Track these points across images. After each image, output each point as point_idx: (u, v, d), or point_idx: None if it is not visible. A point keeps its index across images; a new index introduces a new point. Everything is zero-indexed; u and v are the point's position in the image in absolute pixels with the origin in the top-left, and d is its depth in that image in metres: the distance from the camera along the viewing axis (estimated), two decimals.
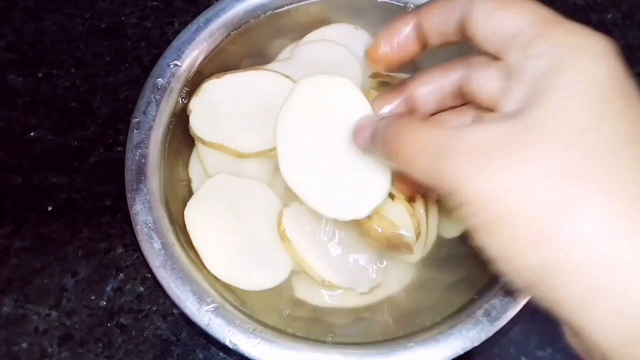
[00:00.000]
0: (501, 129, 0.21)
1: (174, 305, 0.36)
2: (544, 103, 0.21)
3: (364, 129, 0.28)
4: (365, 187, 0.31)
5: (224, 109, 0.39)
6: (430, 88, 0.28)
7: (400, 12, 0.43)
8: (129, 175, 0.36)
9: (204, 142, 0.39)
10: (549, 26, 0.22)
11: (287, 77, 0.40)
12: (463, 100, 0.28)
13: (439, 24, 0.26)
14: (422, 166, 0.23)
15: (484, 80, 0.25)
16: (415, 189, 0.33)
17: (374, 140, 0.27)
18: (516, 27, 0.22)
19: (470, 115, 0.28)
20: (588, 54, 0.21)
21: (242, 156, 0.39)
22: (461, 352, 0.33)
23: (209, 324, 0.33)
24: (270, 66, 0.41)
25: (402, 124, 0.25)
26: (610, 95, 0.21)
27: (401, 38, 0.28)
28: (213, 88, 0.39)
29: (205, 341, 0.41)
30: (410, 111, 0.29)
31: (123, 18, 0.51)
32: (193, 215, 0.37)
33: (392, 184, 0.31)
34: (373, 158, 0.30)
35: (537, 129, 0.20)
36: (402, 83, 0.29)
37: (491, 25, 0.23)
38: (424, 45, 0.28)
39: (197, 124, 0.39)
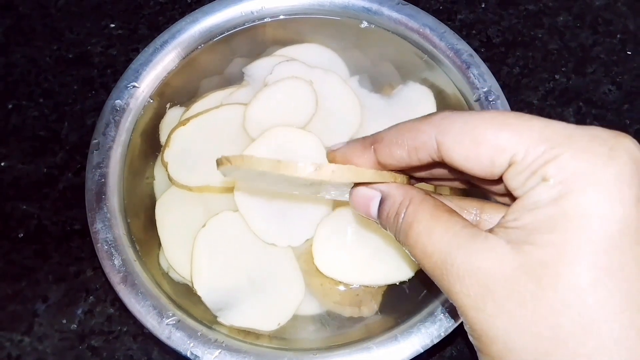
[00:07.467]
0: (508, 262, 0.20)
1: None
2: (555, 241, 0.20)
3: (370, 200, 0.26)
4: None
5: (197, 152, 0.39)
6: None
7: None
8: (89, 195, 0.37)
9: (190, 189, 0.39)
10: (554, 145, 0.20)
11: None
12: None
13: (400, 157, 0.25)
14: (429, 268, 0.23)
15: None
16: None
17: (386, 218, 0.25)
18: (516, 147, 0.21)
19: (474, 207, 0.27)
20: (598, 184, 0.19)
21: (230, 191, 0.38)
22: (421, 350, 0.33)
23: (170, 337, 0.33)
24: (230, 91, 0.42)
25: (414, 214, 0.24)
26: (624, 235, 0.19)
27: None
28: (182, 136, 0.40)
29: (176, 359, 0.41)
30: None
31: (89, 47, 0.52)
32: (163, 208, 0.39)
33: None
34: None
35: (549, 269, 0.20)
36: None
37: (476, 150, 0.21)
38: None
39: (178, 174, 0.39)
